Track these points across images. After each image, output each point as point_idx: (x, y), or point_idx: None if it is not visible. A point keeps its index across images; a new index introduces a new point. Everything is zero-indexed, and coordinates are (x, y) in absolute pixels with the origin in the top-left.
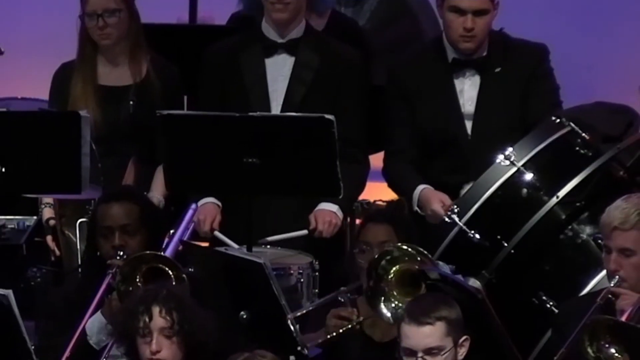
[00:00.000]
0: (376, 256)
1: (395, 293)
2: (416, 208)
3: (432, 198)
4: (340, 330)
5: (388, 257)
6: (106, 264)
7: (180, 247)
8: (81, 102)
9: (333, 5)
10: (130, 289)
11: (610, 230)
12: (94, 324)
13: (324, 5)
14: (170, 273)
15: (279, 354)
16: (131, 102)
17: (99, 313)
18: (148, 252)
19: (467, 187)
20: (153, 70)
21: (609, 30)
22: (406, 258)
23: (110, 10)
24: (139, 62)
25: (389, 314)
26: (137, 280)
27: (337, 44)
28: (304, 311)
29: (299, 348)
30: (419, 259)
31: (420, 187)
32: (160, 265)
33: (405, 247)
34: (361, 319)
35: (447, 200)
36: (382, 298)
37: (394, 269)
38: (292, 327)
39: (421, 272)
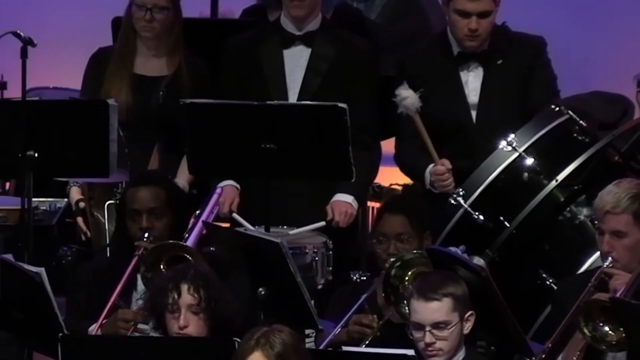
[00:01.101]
0: (385, 272)
1: None
2: (429, 186)
3: (439, 168)
4: (366, 340)
5: (398, 264)
6: (134, 245)
7: (203, 229)
8: (115, 87)
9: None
10: (151, 275)
11: (602, 213)
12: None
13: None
14: (191, 260)
15: (296, 328)
16: (161, 93)
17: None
18: (168, 241)
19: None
20: (185, 65)
21: (605, 24)
22: (420, 261)
23: (160, 7)
24: (175, 56)
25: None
26: (162, 268)
27: (350, 37)
28: (336, 332)
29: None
30: (425, 259)
31: (430, 166)
32: (181, 253)
33: (416, 252)
34: (380, 323)
35: (444, 162)
36: (405, 302)
37: (409, 273)
38: (310, 306)
39: (429, 251)
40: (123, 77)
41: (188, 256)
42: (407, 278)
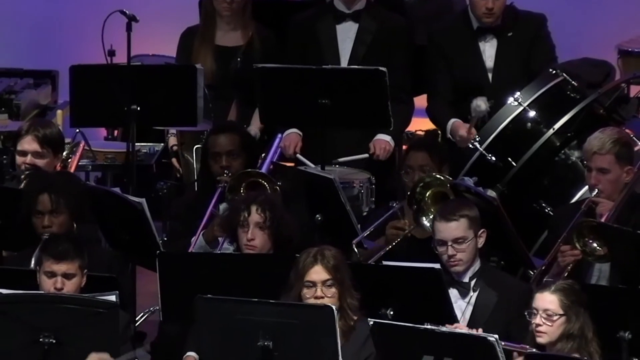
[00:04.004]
0: (411, 187)
1: (432, 210)
2: (449, 135)
3: (459, 127)
4: (398, 239)
5: (421, 184)
6: (216, 180)
7: (271, 167)
8: (201, 57)
9: None
10: (236, 198)
11: (590, 154)
12: (199, 245)
13: None
14: (267, 185)
15: (345, 248)
16: (238, 59)
17: (201, 236)
18: (251, 169)
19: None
20: (257, 36)
21: (592, 3)
22: (437, 182)
23: None
24: (247, 29)
25: (428, 224)
26: (241, 191)
27: (390, 14)
28: (367, 233)
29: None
30: (445, 181)
31: (452, 120)
32: (259, 180)
33: (435, 175)
34: (412, 227)
35: (470, 129)
36: (423, 215)
37: (429, 192)
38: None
39: (452, 185)
40: (207, 48)
41: (264, 182)
42: (427, 195)
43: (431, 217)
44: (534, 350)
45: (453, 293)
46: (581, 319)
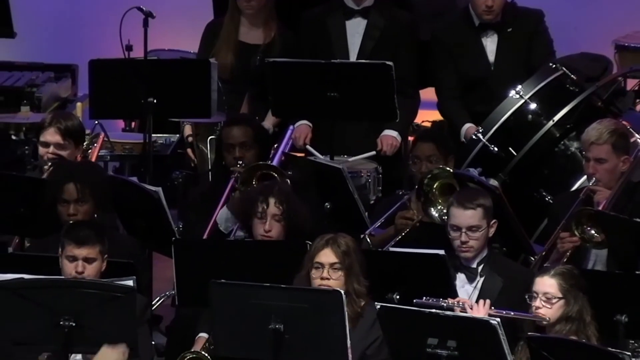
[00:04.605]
0: (419, 179)
1: (439, 201)
2: (463, 139)
3: (472, 129)
4: (408, 229)
5: (429, 176)
6: (230, 171)
7: (283, 158)
8: (223, 51)
9: None
10: (248, 189)
11: (588, 144)
12: (222, 216)
13: None
14: (277, 177)
15: (353, 235)
16: (258, 57)
17: (225, 207)
18: (261, 162)
19: None
20: (278, 35)
21: (590, 2)
22: (445, 174)
23: None
24: (270, 27)
25: (436, 215)
26: (253, 183)
27: (397, 11)
28: (377, 224)
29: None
30: (452, 173)
31: (466, 125)
32: (270, 172)
33: (443, 167)
34: (420, 217)
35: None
36: (431, 206)
37: (436, 184)
38: (364, 215)
39: (456, 175)
40: (230, 43)
41: (274, 174)
42: (435, 187)
43: (439, 207)
44: (549, 318)
45: (460, 278)
46: (579, 302)
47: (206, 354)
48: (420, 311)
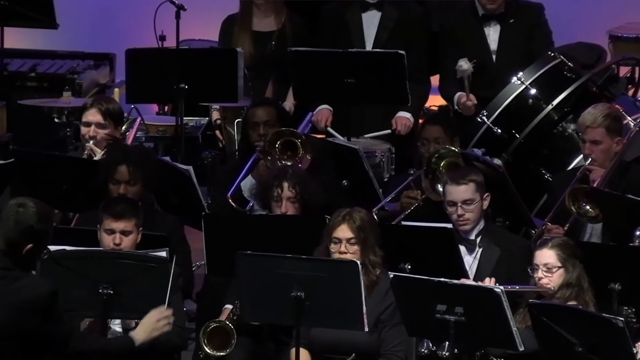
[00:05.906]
0: (427, 158)
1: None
2: (456, 107)
3: (461, 97)
4: (412, 207)
5: (436, 155)
6: (255, 146)
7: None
8: (240, 41)
9: None
10: (269, 157)
11: (584, 127)
12: (246, 183)
13: None
14: (297, 143)
15: (368, 209)
16: (273, 43)
17: (250, 176)
18: (284, 128)
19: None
20: (289, 21)
21: None
22: (451, 154)
23: None
24: (280, 15)
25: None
26: (276, 148)
27: (409, 4)
28: (388, 199)
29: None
30: (457, 153)
31: (458, 93)
32: (292, 138)
33: (449, 147)
34: (424, 196)
35: (468, 95)
36: (438, 182)
37: (443, 163)
38: (378, 190)
39: (462, 155)
40: (245, 33)
41: (294, 139)
42: (442, 165)
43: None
44: (554, 287)
45: (461, 249)
46: (577, 269)
47: (229, 323)
48: (430, 280)
